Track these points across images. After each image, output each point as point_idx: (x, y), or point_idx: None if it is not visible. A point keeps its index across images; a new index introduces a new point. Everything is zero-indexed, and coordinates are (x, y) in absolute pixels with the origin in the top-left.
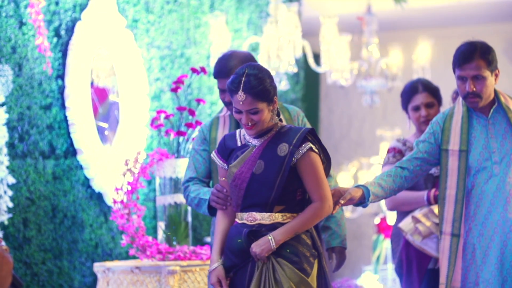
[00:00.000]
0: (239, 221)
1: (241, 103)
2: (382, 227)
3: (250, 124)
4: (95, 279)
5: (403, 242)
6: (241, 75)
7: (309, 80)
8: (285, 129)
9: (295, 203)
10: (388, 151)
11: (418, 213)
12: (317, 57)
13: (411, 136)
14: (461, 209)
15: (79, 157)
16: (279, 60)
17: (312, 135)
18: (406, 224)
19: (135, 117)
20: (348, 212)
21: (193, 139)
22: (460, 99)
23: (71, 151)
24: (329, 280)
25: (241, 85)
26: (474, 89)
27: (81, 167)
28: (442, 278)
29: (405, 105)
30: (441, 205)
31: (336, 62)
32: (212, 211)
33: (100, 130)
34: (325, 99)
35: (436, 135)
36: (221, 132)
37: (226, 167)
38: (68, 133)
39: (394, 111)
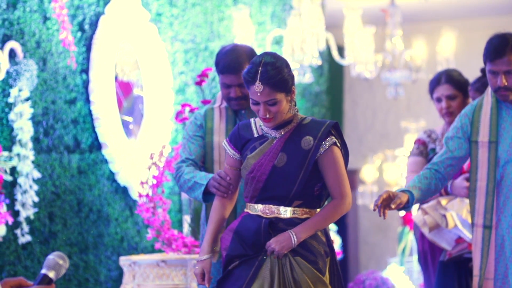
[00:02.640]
0: (252, 213)
1: (258, 94)
2: (407, 219)
3: (268, 116)
4: (121, 273)
5: (419, 234)
6: (257, 65)
7: (333, 73)
8: (307, 121)
9: (313, 198)
10: (414, 143)
11: (426, 205)
12: (341, 50)
13: (439, 127)
14: (492, 200)
15: (104, 151)
16: (303, 53)
17: (335, 129)
18: (417, 216)
19: (160, 110)
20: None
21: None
22: (489, 89)
23: (96, 145)
24: (342, 278)
25: (258, 75)
26: (506, 83)
27: (106, 161)
28: (476, 270)
29: (431, 96)
30: (472, 197)
31: (360, 54)
32: (206, 197)
33: (125, 124)
34: (349, 92)
35: (465, 128)
36: (218, 124)
37: (237, 157)
38: (93, 127)
39: (418, 103)
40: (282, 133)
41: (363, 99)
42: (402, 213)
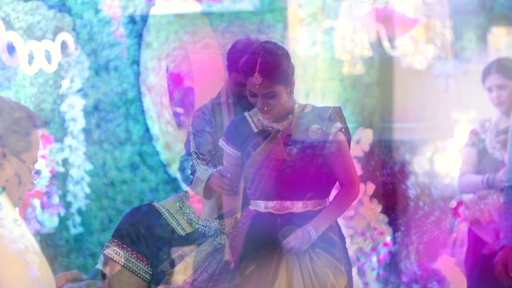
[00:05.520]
0: (262, 210)
1: (257, 86)
2: (458, 211)
3: (266, 109)
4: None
5: (468, 227)
6: (257, 55)
7: (383, 64)
8: (308, 109)
9: (322, 188)
10: (469, 133)
11: (468, 199)
12: (391, 41)
13: (495, 117)
14: None
15: (155, 143)
16: (353, 44)
17: (338, 114)
18: (462, 210)
19: None
20: (425, 195)
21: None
22: None
23: (147, 137)
24: (351, 264)
25: (257, 66)
26: None
27: (157, 153)
28: None
29: (484, 86)
30: None
31: (410, 45)
32: (207, 193)
33: (176, 115)
34: (399, 83)
35: None
36: (227, 120)
37: (238, 155)
38: (144, 119)
39: (469, 94)
40: (285, 125)
41: (413, 90)
42: (453, 204)
